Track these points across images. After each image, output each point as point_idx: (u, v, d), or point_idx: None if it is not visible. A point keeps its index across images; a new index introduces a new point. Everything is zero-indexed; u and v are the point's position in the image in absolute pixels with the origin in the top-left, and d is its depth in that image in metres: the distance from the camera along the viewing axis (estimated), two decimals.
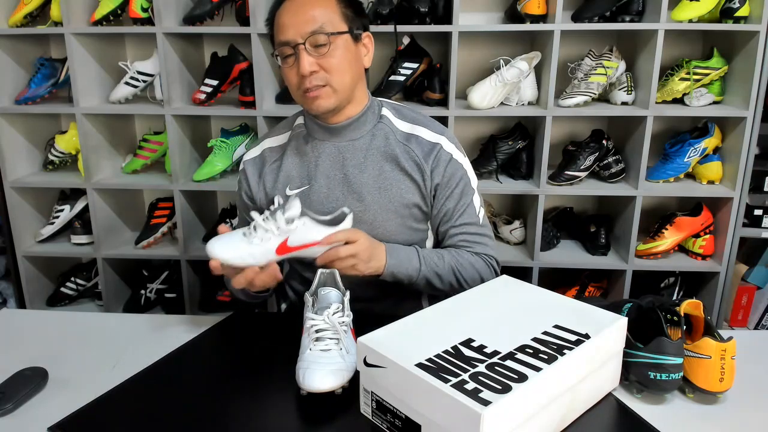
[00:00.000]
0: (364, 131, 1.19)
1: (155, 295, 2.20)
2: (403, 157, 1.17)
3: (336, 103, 1.11)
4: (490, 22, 2.09)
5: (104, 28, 1.93)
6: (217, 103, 2.03)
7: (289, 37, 1.07)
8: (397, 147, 1.18)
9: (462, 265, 1.17)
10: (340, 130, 1.17)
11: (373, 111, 1.20)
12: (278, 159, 1.23)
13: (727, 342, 0.86)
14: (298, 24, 1.06)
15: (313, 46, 1.07)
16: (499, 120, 2.17)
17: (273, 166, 1.23)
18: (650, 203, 2.19)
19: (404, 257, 1.13)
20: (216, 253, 0.96)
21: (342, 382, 0.86)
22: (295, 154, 1.21)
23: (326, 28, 1.07)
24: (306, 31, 1.06)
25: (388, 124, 1.20)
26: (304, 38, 1.06)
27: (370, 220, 1.16)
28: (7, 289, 2.31)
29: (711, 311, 2.00)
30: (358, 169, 1.17)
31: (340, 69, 1.09)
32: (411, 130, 1.20)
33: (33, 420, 0.85)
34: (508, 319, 0.88)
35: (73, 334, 1.11)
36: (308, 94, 1.09)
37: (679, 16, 1.81)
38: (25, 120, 2.12)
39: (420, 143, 1.18)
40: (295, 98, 1.15)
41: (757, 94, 1.81)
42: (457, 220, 1.21)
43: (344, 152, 1.18)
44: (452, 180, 1.19)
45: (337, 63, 1.09)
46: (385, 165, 1.17)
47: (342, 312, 0.93)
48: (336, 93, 1.10)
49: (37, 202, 2.20)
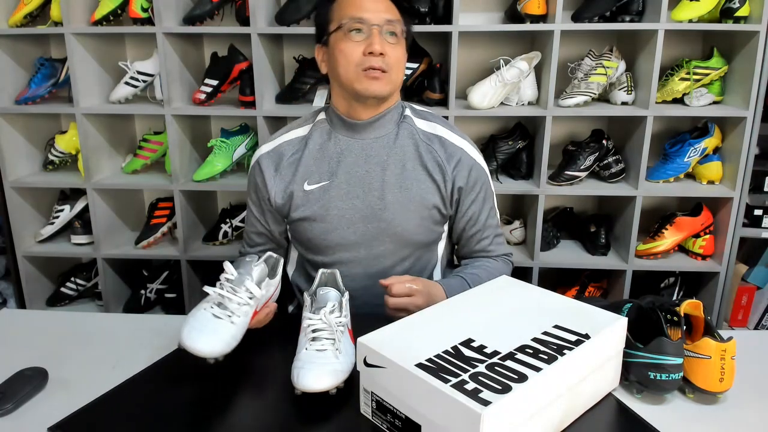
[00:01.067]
0: (388, 129, 1.20)
1: (155, 295, 2.20)
2: (426, 157, 1.19)
3: (388, 92, 1.14)
4: (490, 22, 2.09)
5: (104, 28, 1.93)
6: (217, 103, 2.03)
7: (367, 16, 1.09)
8: (421, 145, 1.19)
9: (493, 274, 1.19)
10: (365, 127, 1.18)
11: (398, 111, 1.22)
12: (297, 152, 1.21)
13: (727, 342, 0.86)
14: (378, 9, 1.10)
15: (387, 34, 1.11)
16: (499, 120, 2.17)
17: (291, 160, 1.21)
18: (650, 203, 2.19)
19: (458, 286, 1.15)
20: (201, 349, 0.85)
21: (337, 383, 0.86)
22: (316, 149, 1.20)
23: (400, 24, 1.13)
24: (384, 18, 1.10)
25: (411, 123, 1.22)
26: (381, 23, 1.09)
27: (389, 219, 1.17)
28: (7, 289, 2.31)
29: (711, 311, 2.00)
30: (380, 167, 1.18)
31: (399, 64, 1.14)
32: (433, 131, 1.22)
33: (33, 420, 0.85)
34: (508, 319, 0.88)
35: (73, 334, 1.11)
36: (370, 73, 1.10)
37: (679, 16, 1.81)
38: (25, 120, 2.12)
39: (444, 144, 1.20)
40: (345, 75, 1.12)
41: (757, 94, 1.81)
42: (484, 224, 1.25)
43: (367, 149, 1.18)
44: (477, 185, 1.22)
45: (399, 57, 1.13)
46: (407, 164, 1.18)
47: (339, 312, 0.92)
48: (391, 83, 1.13)
49: (37, 202, 2.20)
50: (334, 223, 1.18)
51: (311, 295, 0.97)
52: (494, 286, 1.02)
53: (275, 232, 1.27)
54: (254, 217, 1.27)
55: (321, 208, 1.18)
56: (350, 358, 0.89)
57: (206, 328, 0.88)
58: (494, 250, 1.27)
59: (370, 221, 1.18)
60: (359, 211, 1.18)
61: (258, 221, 1.27)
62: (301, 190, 1.19)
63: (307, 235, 1.20)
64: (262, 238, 1.29)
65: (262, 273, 0.99)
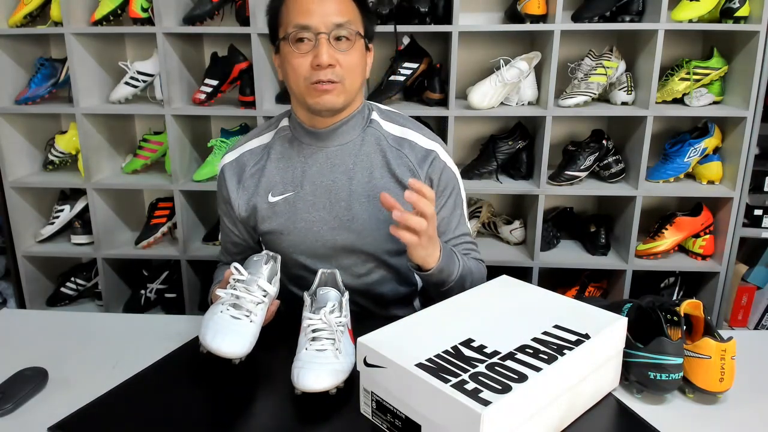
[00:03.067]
0: (353, 136, 1.12)
1: (155, 295, 2.20)
2: (395, 163, 1.12)
3: (343, 103, 1.06)
4: (490, 22, 2.09)
5: (104, 28, 1.93)
6: (217, 103, 2.03)
7: (312, 23, 1.00)
8: (388, 151, 1.12)
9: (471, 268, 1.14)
10: (328, 135, 1.11)
11: (363, 115, 1.14)
12: (259, 162, 1.15)
13: (727, 342, 0.86)
14: (325, 13, 1.00)
15: (336, 39, 1.02)
16: (499, 120, 2.17)
17: (254, 170, 1.15)
18: (650, 203, 2.19)
19: (448, 252, 1.07)
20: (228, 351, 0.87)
21: (336, 383, 0.85)
22: (279, 159, 1.14)
23: (352, 25, 1.03)
24: (331, 22, 1.00)
25: (378, 128, 1.14)
26: (328, 29, 1.00)
27: (358, 230, 1.12)
28: (7, 289, 2.31)
29: (711, 311, 2.00)
30: (346, 176, 1.11)
31: (355, 70, 1.05)
32: (402, 134, 1.14)
33: (33, 420, 0.85)
34: (508, 319, 0.88)
35: (73, 334, 1.11)
36: (319, 86, 1.02)
37: (679, 16, 1.81)
38: (25, 120, 2.12)
39: (414, 148, 1.13)
40: (297, 89, 1.06)
41: (757, 94, 1.81)
42: (454, 231, 1.18)
43: (332, 158, 1.12)
44: (447, 189, 1.15)
45: (354, 63, 1.04)
46: (375, 172, 1.12)
47: (339, 312, 0.92)
48: (345, 92, 1.05)
49: (37, 202, 2.20)
50: (301, 236, 1.13)
51: (311, 295, 0.97)
52: (494, 286, 1.01)
53: (250, 241, 1.23)
54: (227, 227, 1.22)
55: (287, 220, 1.13)
56: (350, 358, 0.89)
57: (228, 330, 0.89)
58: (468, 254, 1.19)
59: (338, 233, 1.12)
60: (327, 222, 1.12)
61: (231, 232, 1.22)
62: (265, 202, 1.13)
63: (276, 248, 1.15)
64: (239, 247, 1.24)
65: (271, 271, 0.99)
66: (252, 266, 0.98)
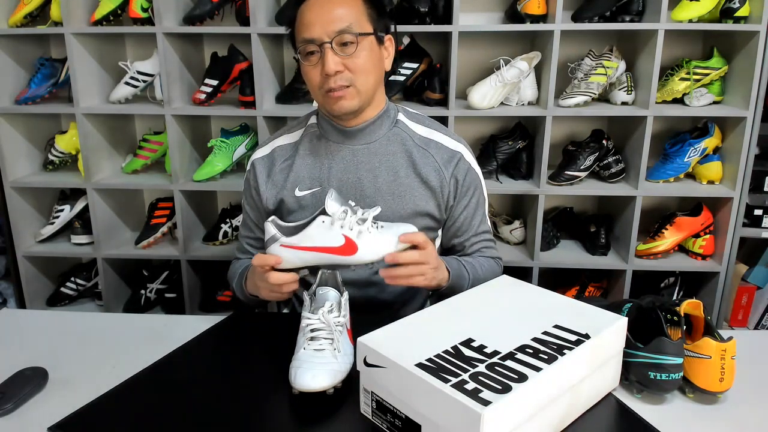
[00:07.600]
0: (379, 135, 1.17)
1: (155, 295, 2.20)
2: (421, 162, 1.16)
3: (359, 105, 1.10)
4: (490, 22, 2.09)
5: (104, 28, 1.93)
6: (217, 103, 2.03)
7: (314, 35, 1.04)
8: (415, 151, 1.17)
9: (485, 268, 1.19)
10: (355, 134, 1.15)
11: (389, 115, 1.19)
12: (289, 158, 1.20)
13: (727, 342, 0.86)
14: (325, 22, 1.03)
15: (340, 45, 1.05)
16: (499, 120, 2.17)
17: (283, 165, 1.20)
18: (650, 203, 2.19)
19: (456, 266, 1.13)
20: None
21: (334, 383, 0.85)
22: (307, 155, 1.18)
23: (353, 28, 1.04)
24: (333, 30, 1.03)
25: (405, 128, 1.19)
26: (330, 37, 1.04)
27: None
28: (7, 289, 2.31)
29: (711, 311, 2.00)
30: (372, 174, 1.15)
31: (365, 70, 1.07)
32: (429, 135, 1.19)
33: (33, 420, 0.85)
34: (508, 319, 0.88)
35: (73, 334, 1.11)
36: (332, 94, 1.07)
37: (679, 16, 1.81)
38: (25, 120, 2.12)
39: (440, 149, 1.18)
40: (316, 98, 1.12)
41: (757, 94, 1.81)
42: (477, 230, 1.23)
43: (358, 156, 1.16)
44: (470, 190, 1.20)
45: (362, 64, 1.07)
46: (400, 171, 1.16)
47: (338, 312, 0.92)
48: (360, 94, 1.08)
49: (37, 202, 2.20)
50: None
51: (310, 294, 0.97)
52: (494, 286, 1.01)
53: None
54: (251, 222, 1.25)
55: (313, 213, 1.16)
56: (349, 357, 0.89)
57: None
58: (486, 253, 1.25)
59: None
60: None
61: (256, 226, 1.25)
62: (291, 196, 1.17)
63: None
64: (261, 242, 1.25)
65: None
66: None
